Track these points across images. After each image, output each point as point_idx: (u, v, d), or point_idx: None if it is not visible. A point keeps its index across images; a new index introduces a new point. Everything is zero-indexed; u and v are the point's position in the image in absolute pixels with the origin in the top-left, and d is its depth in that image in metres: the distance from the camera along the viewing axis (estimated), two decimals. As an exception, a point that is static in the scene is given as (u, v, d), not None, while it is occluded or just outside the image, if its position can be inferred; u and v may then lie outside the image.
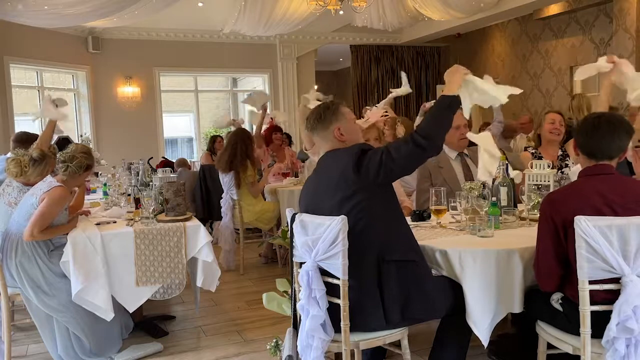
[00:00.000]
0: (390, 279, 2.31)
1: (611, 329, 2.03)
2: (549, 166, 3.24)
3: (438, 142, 2.27)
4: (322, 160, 2.52)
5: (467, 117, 3.14)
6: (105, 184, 4.79)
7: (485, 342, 2.37)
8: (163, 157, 9.08)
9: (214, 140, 7.29)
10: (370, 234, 2.32)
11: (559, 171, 3.72)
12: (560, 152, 3.93)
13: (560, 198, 2.25)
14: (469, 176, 3.58)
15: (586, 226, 2.04)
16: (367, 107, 6.16)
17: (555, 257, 2.23)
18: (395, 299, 2.30)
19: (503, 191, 3.08)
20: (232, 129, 6.09)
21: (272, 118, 6.78)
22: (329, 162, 2.46)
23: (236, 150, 5.13)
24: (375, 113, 4.69)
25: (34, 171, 3.44)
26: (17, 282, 3.13)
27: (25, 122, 9.03)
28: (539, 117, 9.22)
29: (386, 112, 5.05)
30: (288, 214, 2.51)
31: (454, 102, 2.32)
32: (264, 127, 6.54)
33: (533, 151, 3.99)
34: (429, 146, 2.24)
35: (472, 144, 3.74)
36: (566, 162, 3.86)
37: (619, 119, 2.30)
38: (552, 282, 2.28)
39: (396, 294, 2.30)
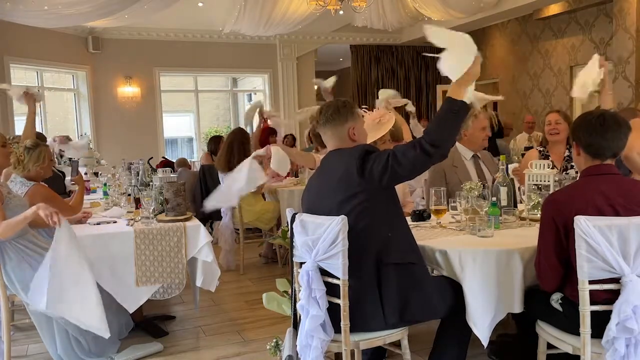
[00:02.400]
0: (389, 282, 2.31)
1: (611, 329, 2.03)
2: (549, 166, 3.24)
3: (445, 150, 2.24)
4: (326, 159, 2.52)
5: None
6: (105, 184, 4.80)
7: (485, 341, 2.37)
8: (163, 157, 9.07)
9: (218, 141, 7.15)
10: (370, 235, 2.32)
11: (564, 172, 3.71)
12: (567, 153, 3.92)
13: (563, 199, 2.25)
14: (482, 177, 3.58)
15: (586, 226, 2.04)
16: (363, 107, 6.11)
17: (556, 257, 2.23)
18: (394, 301, 2.30)
19: (503, 191, 3.08)
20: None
21: (265, 119, 6.62)
22: (333, 161, 2.46)
23: (233, 149, 5.14)
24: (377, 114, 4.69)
25: (30, 159, 3.46)
26: (12, 290, 3.13)
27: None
28: (539, 117, 9.23)
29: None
30: (288, 214, 2.51)
31: (463, 109, 2.24)
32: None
33: (541, 149, 3.99)
34: (436, 154, 2.21)
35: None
36: (572, 163, 3.86)
37: (618, 116, 2.30)
38: (553, 282, 2.28)
39: (395, 296, 2.30)
